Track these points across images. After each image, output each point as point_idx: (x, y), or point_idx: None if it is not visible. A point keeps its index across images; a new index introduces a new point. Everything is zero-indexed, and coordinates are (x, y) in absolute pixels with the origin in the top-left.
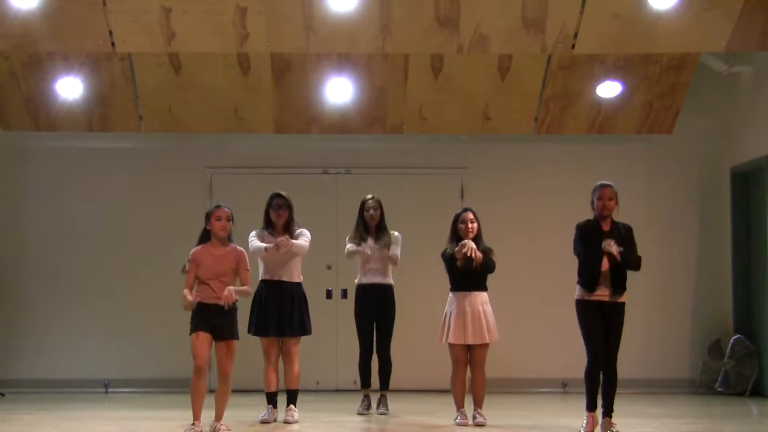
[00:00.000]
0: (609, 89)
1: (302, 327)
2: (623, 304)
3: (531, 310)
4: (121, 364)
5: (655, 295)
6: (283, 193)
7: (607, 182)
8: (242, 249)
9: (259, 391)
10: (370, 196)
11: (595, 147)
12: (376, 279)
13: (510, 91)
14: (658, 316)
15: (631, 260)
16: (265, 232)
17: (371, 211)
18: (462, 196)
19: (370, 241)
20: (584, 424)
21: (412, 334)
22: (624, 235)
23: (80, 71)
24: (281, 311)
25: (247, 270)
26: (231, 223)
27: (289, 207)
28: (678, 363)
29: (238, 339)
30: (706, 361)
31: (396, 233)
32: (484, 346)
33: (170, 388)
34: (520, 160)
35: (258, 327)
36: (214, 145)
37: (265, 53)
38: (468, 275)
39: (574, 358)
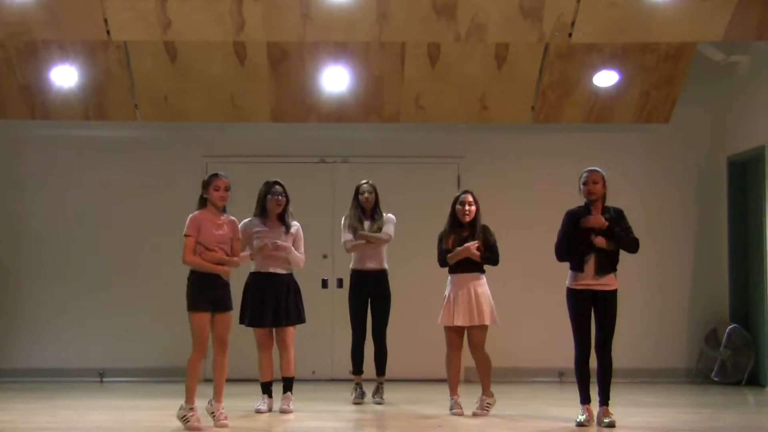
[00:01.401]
0: (606, 78)
1: (298, 316)
2: (615, 291)
3: (527, 299)
4: (116, 353)
5: (652, 284)
6: (281, 180)
7: (593, 167)
8: (235, 219)
9: (251, 380)
10: (365, 180)
11: (593, 136)
12: (371, 264)
13: (507, 80)
14: (655, 305)
15: (627, 241)
16: (256, 221)
17: (366, 195)
18: (458, 185)
19: (366, 225)
20: (581, 418)
21: (407, 323)
22: (614, 217)
23: (76, 59)
24: (277, 302)
25: (240, 240)
26: (229, 192)
27: (287, 195)
28: (674, 352)
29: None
30: (703, 350)
31: (390, 214)
32: (481, 329)
33: (165, 377)
34: (517, 149)
35: (253, 318)
36: (210, 134)
37: (262, 42)
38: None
39: (570, 347)
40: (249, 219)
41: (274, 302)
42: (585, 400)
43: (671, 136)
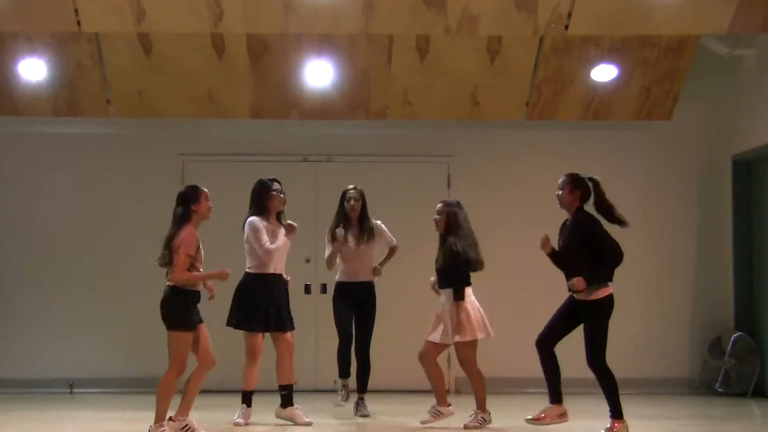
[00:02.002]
0: (604, 73)
1: (292, 319)
2: (593, 302)
3: (521, 305)
4: (86, 363)
5: (652, 290)
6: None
7: (567, 173)
8: None
9: (228, 391)
10: (352, 186)
11: (590, 134)
12: (358, 277)
13: (500, 74)
14: (655, 312)
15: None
16: (264, 222)
17: (352, 202)
18: (449, 185)
19: (350, 239)
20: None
21: (392, 332)
22: (566, 227)
23: (45, 52)
24: (280, 305)
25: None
26: None
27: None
28: (676, 362)
29: None
30: (706, 359)
31: (378, 222)
32: (461, 346)
33: (138, 387)
34: (510, 147)
35: (256, 323)
36: (187, 131)
37: (241, 33)
38: (437, 272)
39: (567, 355)
40: (258, 216)
41: (279, 305)
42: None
43: (673, 133)
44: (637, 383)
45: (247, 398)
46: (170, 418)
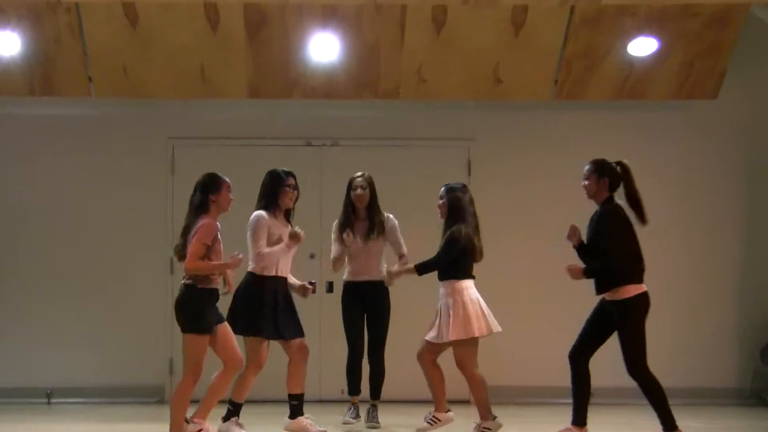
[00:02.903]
0: (641, 47)
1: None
2: (622, 302)
3: (544, 307)
4: (66, 370)
5: (695, 290)
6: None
7: (592, 159)
8: None
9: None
10: (359, 173)
11: (625, 115)
12: (367, 275)
13: (525, 49)
14: (700, 314)
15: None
16: (267, 217)
17: (359, 191)
18: (469, 173)
19: (358, 233)
20: None
21: (405, 337)
22: (592, 220)
23: (19, 25)
24: (291, 310)
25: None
26: None
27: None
28: (724, 369)
29: None
30: (758, 366)
31: (391, 216)
32: (455, 345)
33: (121, 397)
34: (536, 130)
35: (272, 329)
36: (177, 113)
37: (238, 4)
38: None
39: (593, 362)
40: (266, 211)
41: (293, 311)
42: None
43: (718, 114)
44: (680, 393)
45: (239, 410)
46: (186, 420)
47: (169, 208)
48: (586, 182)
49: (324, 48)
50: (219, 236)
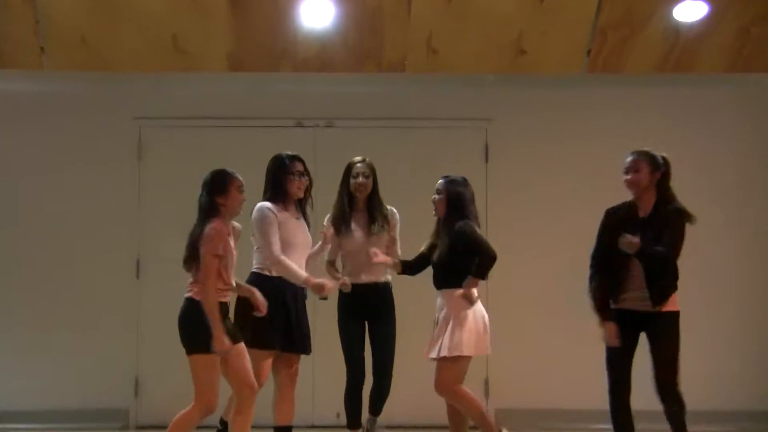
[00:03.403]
0: (689, 12)
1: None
2: (668, 314)
3: (571, 317)
4: (14, 392)
5: (740, 299)
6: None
7: (638, 149)
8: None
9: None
10: (359, 158)
11: (669, 91)
12: (368, 276)
13: (553, 14)
14: (745, 328)
15: (651, 254)
16: (275, 210)
17: (360, 179)
18: (486, 159)
19: (356, 227)
20: None
21: (410, 349)
22: (663, 219)
23: None
24: (301, 318)
25: None
26: None
27: (309, 175)
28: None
29: None
30: None
31: (393, 209)
32: (441, 362)
33: (78, 423)
34: (565, 108)
35: (272, 338)
36: (145, 89)
37: None
38: (434, 269)
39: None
40: (265, 205)
41: (303, 319)
42: None
43: None
44: (718, 417)
45: None
46: None
47: (136, 200)
48: (636, 175)
49: (317, 13)
50: (232, 243)
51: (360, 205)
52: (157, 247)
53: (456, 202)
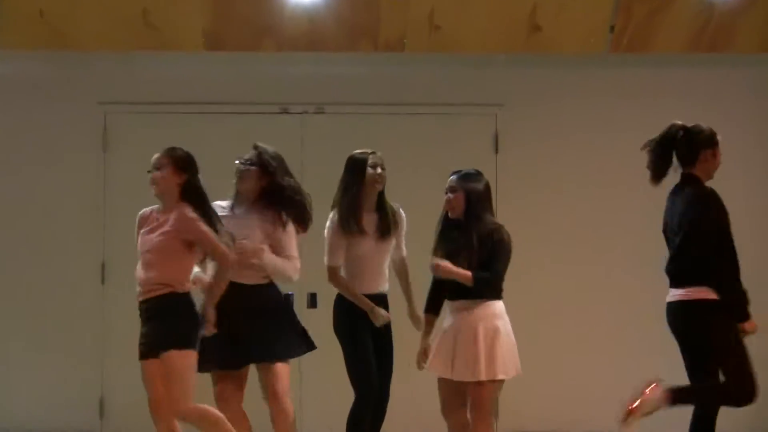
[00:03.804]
0: None
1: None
2: (688, 303)
3: (595, 324)
4: None
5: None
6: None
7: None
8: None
9: None
10: (369, 149)
11: (702, 73)
12: (377, 287)
13: None
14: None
15: None
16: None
17: (379, 170)
18: (496, 149)
19: (368, 228)
20: None
21: (408, 361)
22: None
23: None
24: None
25: None
26: None
27: (267, 163)
28: None
29: None
30: None
31: (399, 207)
32: (480, 386)
33: None
34: (585, 92)
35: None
36: (111, 70)
37: None
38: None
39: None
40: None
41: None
42: None
43: None
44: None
45: None
46: None
47: (101, 195)
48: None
49: None
50: (142, 228)
51: (368, 203)
52: (124, 249)
53: (477, 200)
